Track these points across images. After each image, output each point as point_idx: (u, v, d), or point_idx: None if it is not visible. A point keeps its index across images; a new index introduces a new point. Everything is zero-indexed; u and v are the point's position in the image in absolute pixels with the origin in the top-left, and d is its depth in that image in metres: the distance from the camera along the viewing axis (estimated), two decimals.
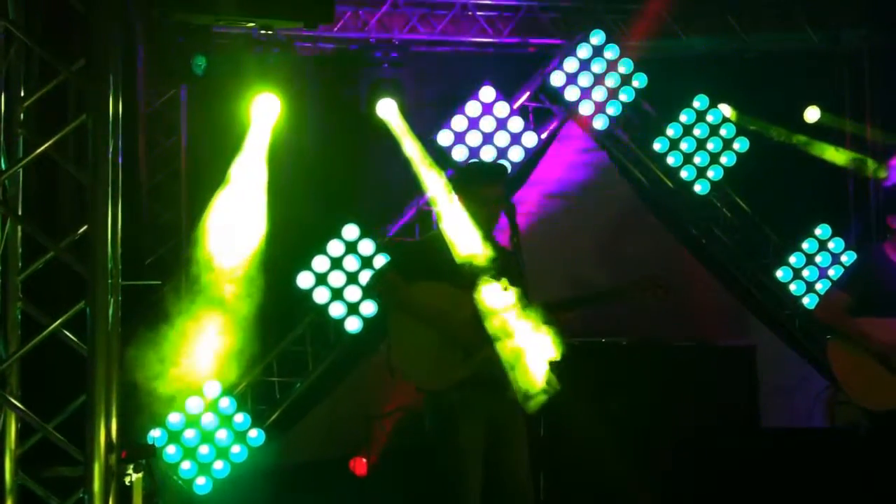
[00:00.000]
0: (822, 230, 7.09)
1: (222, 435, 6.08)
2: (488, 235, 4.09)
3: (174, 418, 5.97)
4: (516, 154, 6.75)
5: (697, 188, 7.05)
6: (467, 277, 3.97)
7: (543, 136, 6.95)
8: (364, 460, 6.04)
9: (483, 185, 4.11)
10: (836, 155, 7.18)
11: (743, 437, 5.94)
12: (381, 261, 6.39)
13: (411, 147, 6.20)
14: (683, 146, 7.02)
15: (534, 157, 6.93)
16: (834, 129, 7.23)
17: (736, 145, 7.01)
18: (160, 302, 5.45)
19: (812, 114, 7.10)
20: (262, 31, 4.99)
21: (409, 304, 4.02)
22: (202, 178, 6.23)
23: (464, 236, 4.07)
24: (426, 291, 4.02)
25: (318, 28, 6.38)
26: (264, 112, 6.04)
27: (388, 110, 6.36)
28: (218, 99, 6.17)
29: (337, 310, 6.38)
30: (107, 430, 3.30)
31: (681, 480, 5.70)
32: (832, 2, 7.07)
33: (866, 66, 7.32)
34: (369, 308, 6.37)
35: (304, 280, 6.33)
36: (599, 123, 6.92)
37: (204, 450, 6.04)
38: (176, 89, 6.39)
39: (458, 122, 6.67)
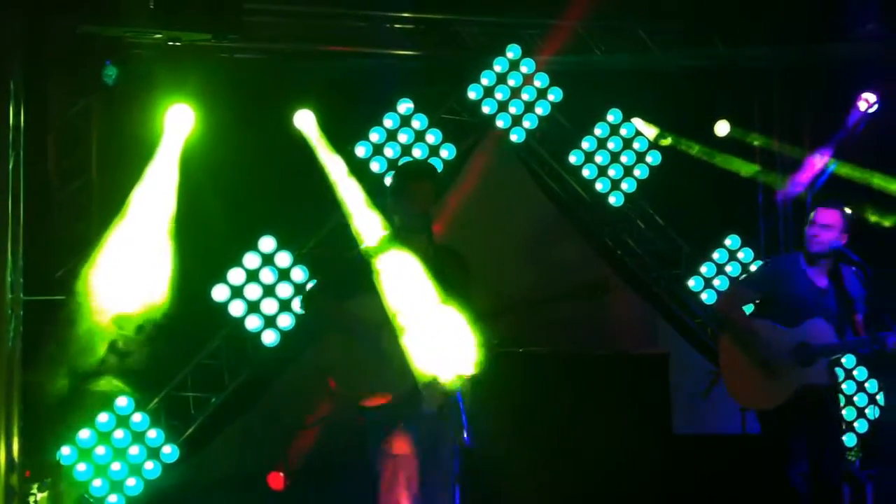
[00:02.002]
0: (731, 240, 7.28)
1: (135, 451, 5.95)
2: (422, 232, 4.11)
3: (84, 435, 5.82)
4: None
5: (612, 200, 7.18)
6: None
7: (461, 148, 7.01)
8: (281, 475, 5.98)
9: (413, 182, 4.14)
10: (744, 168, 7.40)
11: (655, 443, 6.04)
12: (298, 273, 6.36)
13: (329, 158, 6.18)
14: (598, 159, 7.15)
15: (452, 169, 6.98)
16: (743, 143, 7.45)
17: (649, 158, 7.16)
18: (66, 316, 5.32)
19: (722, 128, 7.30)
20: (170, 43, 4.92)
21: (343, 322, 4.02)
22: (114, 189, 6.11)
23: (389, 251, 4.08)
24: (357, 306, 4.02)
25: (236, 37, 6.37)
26: (178, 123, 5.96)
27: (305, 121, 6.33)
28: (131, 109, 6.08)
29: (253, 323, 6.31)
30: (7, 448, 3.22)
31: (595, 489, 5.78)
32: (742, 19, 7.28)
33: (774, 81, 7.57)
34: (286, 321, 6.32)
35: (219, 293, 6.25)
36: (516, 137, 7.01)
37: (116, 467, 5.90)
38: (87, 99, 6.25)
39: (376, 135, 6.68)
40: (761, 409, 4.80)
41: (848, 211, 4.83)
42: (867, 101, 6.89)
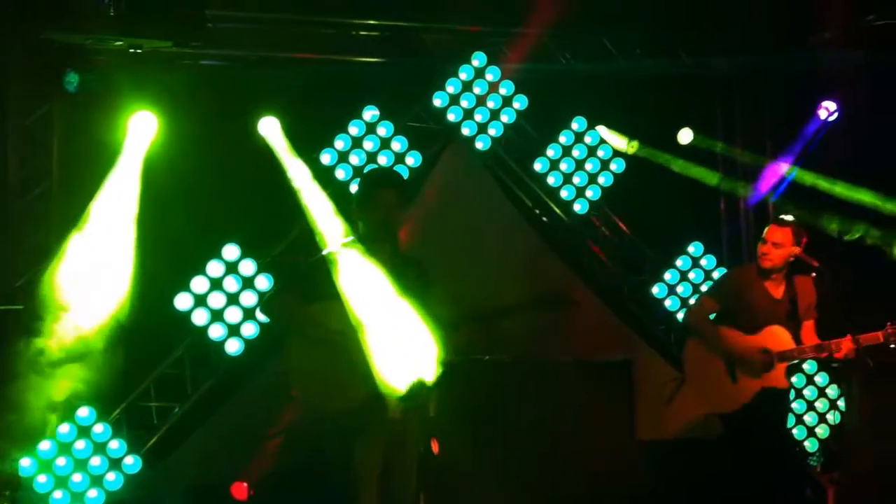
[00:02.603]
0: (694, 248, 7.35)
1: (96, 462, 5.89)
2: (386, 241, 4.11)
3: (44, 446, 5.74)
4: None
5: (577, 207, 7.23)
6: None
7: (427, 156, 7.02)
8: (245, 485, 5.93)
9: (378, 190, 4.15)
10: (707, 175, 7.48)
11: (620, 449, 6.07)
12: (262, 281, 6.33)
13: (293, 166, 6.16)
14: (563, 167, 7.19)
15: (417, 177, 6.99)
16: (706, 151, 7.52)
17: (613, 166, 7.22)
18: (26, 326, 5.26)
19: (685, 135, 7.37)
20: (131, 51, 4.89)
21: (303, 326, 4.01)
22: (75, 197, 6.05)
23: (352, 258, 4.08)
24: (320, 312, 4.01)
25: (199, 45, 6.33)
26: (140, 129, 5.91)
27: (269, 129, 6.31)
28: (93, 116, 6.02)
29: (217, 332, 6.26)
30: None
31: (561, 496, 5.80)
32: (705, 29, 7.37)
33: (736, 90, 7.66)
34: (250, 329, 6.28)
35: (182, 302, 6.20)
36: (481, 144, 7.03)
37: (77, 478, 5.83)
38: (48, 106, 6.18)
39: (341, 142, 6.67)
40: (723, 413, 4.92)
41: (799, 224, 4.94)
42: (827, 110, 6.99)
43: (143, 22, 4.34)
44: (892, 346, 4.80)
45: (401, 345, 3.97)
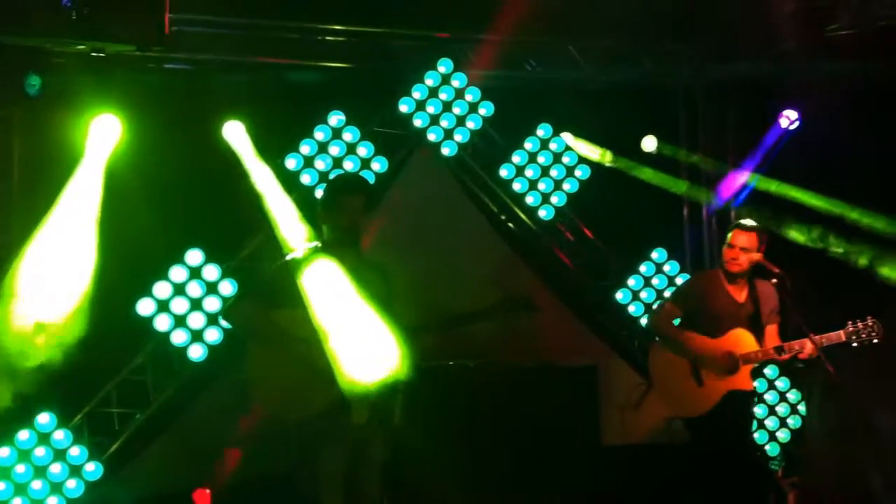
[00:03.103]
0: (658, 254, 7.42)
1: (56, 469, 5.83)
2: (351, 246, 4.10)
3: (3, 452, 5.68)
4: None
5: (542, 213, 7.27)
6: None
7: (393, 161, 7.02)
8: (207, 492, 5.88)
9: (343, 196, 4.14)
10: (670, 182, 7.55)
11: (584, 454, 6.10)
12: (226, 286, 6.29)
13: (258, 170, 6.13)
14: (529, 173, 7.23)
15: (383, 182, 6.98)
16: (670, 158, 7.59)
17: (578, 172, 7.26)
18: None
19: (649, 143, 7.44)
20: (93, 54, 4.84)
21: (266, 333, 3.98)
22: (36, 200, 5.96)
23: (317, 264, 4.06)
24: (283, 318, 3.99)
25: (163, 48, 6.29)
26: (103, 133, 5.84)
27: (234, 133, 6.26)
28: (55, 119, 5.94)
29: (179, 337, 6.21)
30: None
31: (525, 500, 5.81)
32: (667, 37, 7.44)
33: (700, 98, 7.74)
34: (214, 335, 6.24)
35: (145, 307, 6.15)
36: (447, 150, 7.05)
37: (37, 485, 5.77)
38: (8, 110, 6.10)
39: (307, 147, 6.65)
40: (690, 417, 4.94)
41: (761, 229, 4.99)
42: (788, 118, 7.08)
43: (105, 26, 4.29)
44: (855, 344, 4.85)
45: (366, 350, 3.96)
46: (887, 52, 6.14)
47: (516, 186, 7.22)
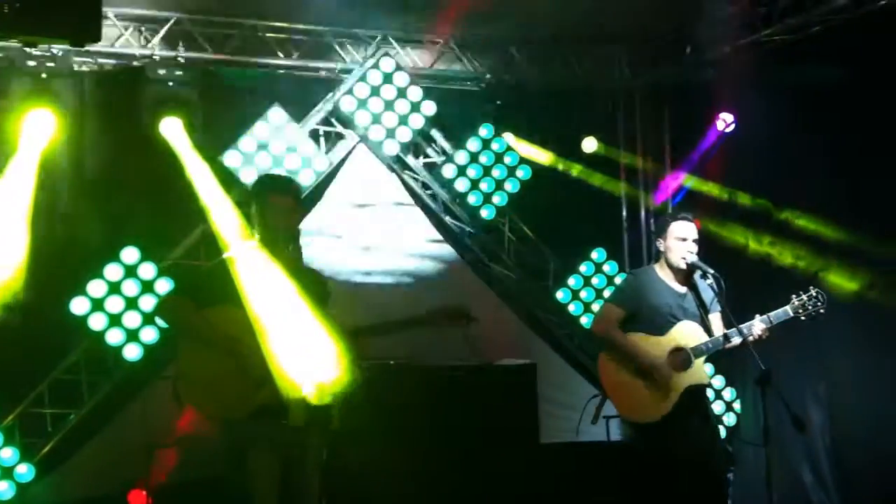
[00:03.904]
0: (597, 253, 7.50)
1: None
2: (283, 247, 4.06)
3: None
4: (307, 177, 6.74)
5: (484, 213, 7.29)
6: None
7: (335, 159, 6.99)
8: (143, 493, 5.79)
9: (273, 195, 4.09)
10: (610, 183, 7.64)
11: (523, 452, 6.13)
12: (163, 285, 6.20)
13: (197, 167, 6.06)
14: (471, 173, 7.24)
15: (325, 180, 6.95)
16: (609, 159, 7.68)
17: (519, 172, 7.30)
18: None
19: (589, 144, 7.52)
20: (26, 49, 4.73)
21: (198, 330, 3.92)
22: None
23: (253, 262, 4.01)
24: (216, 317, 3.93)
25: (98, 44, 6.17)
26: (37, 129, 5.73)
27: (172, 129, 6.19)
28: None
29: (115, 336, 6.12)
30: None
31: (464, 498, 5.82)
32: (608, 42, 7.52)
33: (638, 101, 7.84)
34: (150, 335, 6.15)
35: (79, 306, 6.03)
36: (390, 149, 7.04)
37: None
38: None
39: (247, 144, 6.59)
40: (653, 422, 4.82)
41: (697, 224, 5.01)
42: (724, 121, 7.19)
43: (38, 20, 4.17)
44: (803, 317, 4.83)
45: (303, 351, 3.92)
46: (821, 56, 6.27)
47: (458, 186, 7.23)
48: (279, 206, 4.04)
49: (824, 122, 6.29)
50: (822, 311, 4.77)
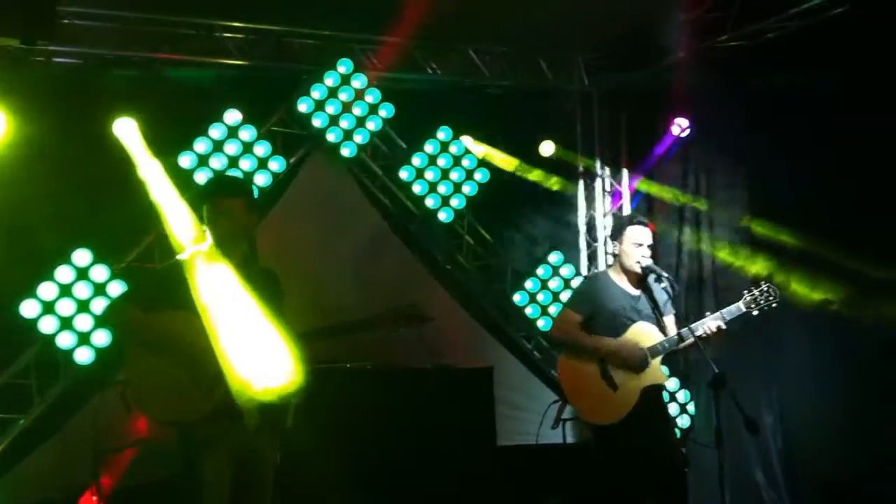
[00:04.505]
0: (555, 257, 7.53)
1: None
2: (237, 250, 4.02)
3: None
4: (262, 179, 6.70)
5: (442, 216, 7.30)
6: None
7: (291, 161, 6.94)
8: (94, 499, 5.70)
9: (222, 198, 4.04)
10: (567, 187, 7.67)
11: (480, 455, 6.12)
12: (116, 288, 6.12)
13: (150, 168, 5.97)
14: (429, 175, 7.25)
15: (281, 182, 6.90)
16: (567, 163, 7.72)
17: (477, 175, 7.32)
18: None
19: (547, 148, 7.55)
20: None
21: (148, 335, 3.86)
22: None
23: (206, 265, 3.96)
24: (167, 321, 3.87)
25: (53, 42, 6.09)
26: None
27: (125, 130, 6.09)
28: None
29: (66, 340, 6.02)
30: None
31: (420, 501, 5.81)
32: (566, 46, 7.57)
33: (596, 105, 7.88)
34: (102, 338, 6.06)
35: (29, 308, 5.93)
36: (347, 151, 7.01)
37: None
38: None
39: (202, 145, 6.52)
40: (611, 423, 4.84)
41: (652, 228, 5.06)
42: (680, 126, 7.26)
43: None
44: (756, 312, 4.89)
45: (257, 354, 3.88)
46: (774, 62, 6.35)
47: (416, 189, 7.23)
48: (230, 209, 4.00)
49: (779, 127, 6.37)
50: (773, 304, 4.84)
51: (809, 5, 6.09)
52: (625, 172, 7.72)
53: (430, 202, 7.26)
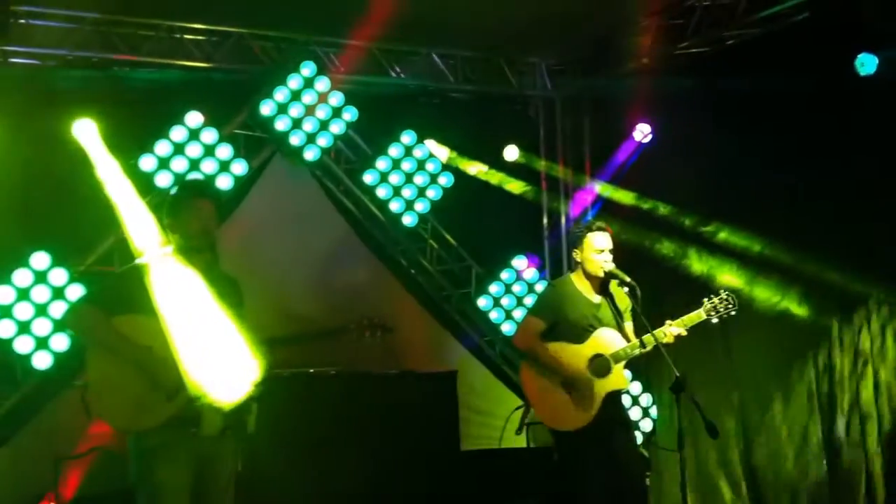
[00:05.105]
0: (519, 261, 7.54)
1: None
2: (201, 252, 3.97)
3: None
4: (225, 182, 6.63)
5: (406, 220, 7.28)
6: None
7: (253, 164, 6.88)
8: None
9: (193, 200, 4.00)
10: (531, 192, 7.70)
11: (444, 459, 6.12)
12: (75, 291, 6.02)
13: (111, 170, 5.90)
14: (393, 179, 7.22)
15: (244, 185, 6.84)
16: (531, 168, 7.74)
17: (442, 179, 7.31)
18: None
19: (510, 152, 7.57)
20: None
21: (108, 339, 3.80)
22: None
23: (167, 269, 3.91)
24: (127, 325, 3.82)
25: (9, 42, 5.99)
26: None
27: (85, 132, 6.02)
28: None
29: (24, 345, 5.91)
30: None
31: None
32: (529, 52, 7.59)
33: (559, 111, 7.92)
34: (61, 343, 5.96)
35: None
36: (310, 154, 6.96)
37: None
38: None
39: (163, 147, 6.45)
40: (575, 430, 4.86)
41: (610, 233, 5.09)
42: (642, 132, 7.31)
43: None
44: (715, 320, 4.94)
45: (218, 359, 3.84)
46: (734, 69, 6.42)
47: (380, 192, 7.20)
48: (200, 211, 3.97)
49: (741, 132, 6.43)
50: (732, 312, 4.92)
51: (771, 12, 6.17)
52: (588, 177, 7.75)
53: (394, 206, 7.23)
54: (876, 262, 5.83)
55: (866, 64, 5.67)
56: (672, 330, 4.83)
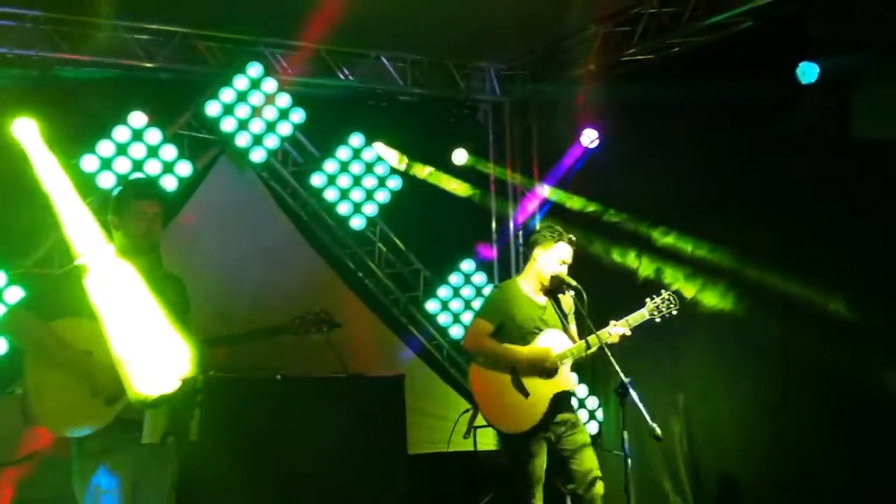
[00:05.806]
0: (467, 265, 7.54)
1: None
2: (145, 253, 3.90)
3: None
4: (169, 183, 6.54)
5: (355, 223, 7.24)
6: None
7: (199, 165, 6.80)
8: None
9: (139, 200, 3.93)
10: (479, 195, 7.71)
11: (392, 463, 6.09)
12: (13, 294, 5.88)
13: (51, 171, 5.77)
14: (341, 182, 7.18)
15: (189, 186, 6.75)
16: (479, 171, 7.76)
17: (391, 182, 7.28)
18: None
19: (459, 156, 7.57)
20: None
21: (45, 345, 3.71)
22: None
23: (109, 271, 3.83)
24: (66, 329, 3.73)
25: None
26: None
27: (24, 131, 5.88)
28: None
29: None
30: None
31: None
32: (478, 56, 7.61)
33: (507, 115, 7.95)
34: None
35: None
36: (257, 155, 6.89)
37: None
38: None
39: (105, 148, 6.33)
40: (523, 431, 4.87)
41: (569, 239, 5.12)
42: (589, 137, 7.35)
43: None
44: (658, 319, 5.00)
45: (159, 363, 3.77)
46: (680, 76, 6.50)
47: (329, 195, 7.15)
48: (145, 213, 3.90)
49: (688, 139, 6.50)
50: (674, 312, 5.00)
51: (716, 20, 6.25)
52: (536, 181, 7.78)
53: (342, 209, 7.19)
54: (819, 267, 5.93)
55: (807, 72, 5.77)
56: (616, 330, 4.89)
